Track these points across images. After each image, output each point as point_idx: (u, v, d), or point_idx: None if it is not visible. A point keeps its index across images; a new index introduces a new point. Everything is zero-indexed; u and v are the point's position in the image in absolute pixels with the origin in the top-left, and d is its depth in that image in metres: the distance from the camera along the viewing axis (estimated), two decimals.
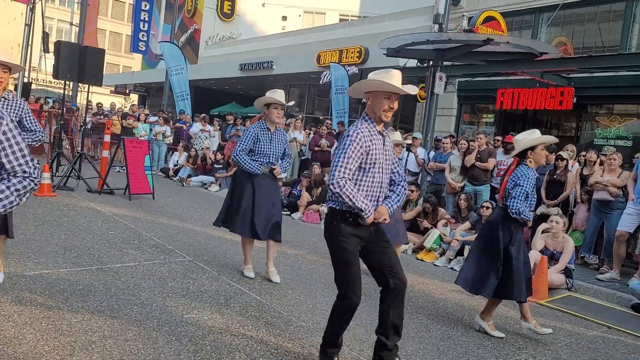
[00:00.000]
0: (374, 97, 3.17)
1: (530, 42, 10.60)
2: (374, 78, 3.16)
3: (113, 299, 4.06)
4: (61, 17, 42.67)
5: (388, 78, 3.11)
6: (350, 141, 3.06)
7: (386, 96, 3.14)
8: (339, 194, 3.02)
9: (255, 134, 5.06)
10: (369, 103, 3.19)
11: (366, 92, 3.23)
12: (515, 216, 4.30)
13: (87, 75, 9.16)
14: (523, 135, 4.49)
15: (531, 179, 4.32)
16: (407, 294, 5.38)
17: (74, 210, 7.43)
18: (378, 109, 3.16)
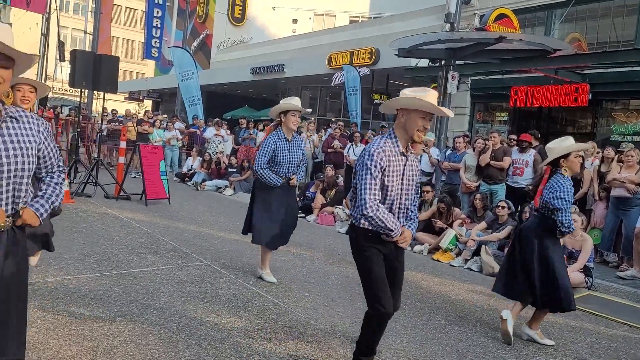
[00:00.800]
0: (408, 115, 3.04)
1: (543, 39, 10.53)
2: (412, 96, 3.03)
3: (133, 304, 4.11)
4: (75, 26, 43.24)
5: (427, 97, 3.00)
6: (372, 161, 2.98)
7: (422, 116, 3.03)
8: (373, 219, 2.97)
9: (274, 145, 5.05)
10: (401, 120, 3.07)
11: (399, 110, 3.11)
12: (566, 230, 4.16)
13: (102, 83, 9.28)
14: (556, 143, 4.35)
15: (569, 187, 4.19)
16: (424, 295, 5.40)
17: (92, 217, 7.53)
18: (411, 127, 3.04)
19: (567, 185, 4.21)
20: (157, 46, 25.19)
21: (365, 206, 2.95)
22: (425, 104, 2.99)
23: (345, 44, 19.07)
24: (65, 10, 43.71)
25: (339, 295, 5.01)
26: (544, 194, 4.29)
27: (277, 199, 5.12)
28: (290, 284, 5.21)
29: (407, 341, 4.02)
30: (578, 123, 13.11)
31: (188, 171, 13.80)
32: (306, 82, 21.23)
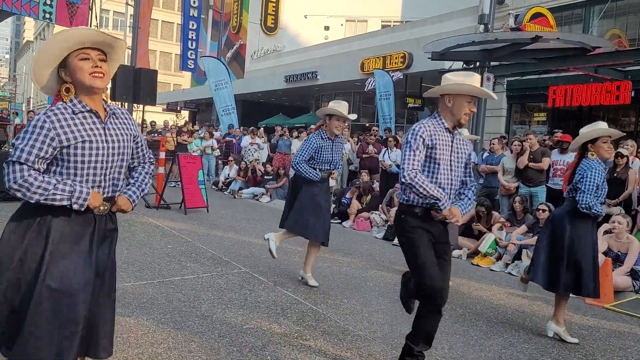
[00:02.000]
0: (455, 100, 3.12)
1: (581, 36, 10.28)
2: (457, 80, 3.11)
3: (175, 311, 4.20)
4: None
5: (473, 82, 3.09)
6: (412, 135, 3.08)
7: (468, 100, 3.12)
8: (412, 186, 3.00)
9: (317, 144, 5.15)
10: (449, 104, 3.13)
11: (445, 95, 3.16)
12: (585, 211, 4.10)
13: (142, 95, 9.56)
14: (586, 128, 4.29)
15: (598, 170, 4.11)
16: (465, 300, 5.32)
17: (134, 226, 7.73)
18: (458, 111, 3.12)
19: (595, 167, 4.13)
20: (193, 58, 25.68)
21: (404, 174, 3.02)
22: (473, 88, 3.09)
23: (377, 49, 19.04)
24: (105, 26, 45.18)
25: (378, 302, 4.99)
26: (575, 177, 4.23)
27: (321, 195, 5.23)
28: (328, 290, 5.22)
29: (448, 348, 3.98)
30: (620, 121, 12.71)
31: (225, 179, 14.02)
32: (339, 88, 21.28)
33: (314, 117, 21.69)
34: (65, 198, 2.12)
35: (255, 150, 14.48)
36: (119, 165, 2.30)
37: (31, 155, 2.07)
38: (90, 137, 2.17)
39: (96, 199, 2.21)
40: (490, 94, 3.30)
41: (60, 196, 2.11)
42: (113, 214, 2.38)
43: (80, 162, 2.17)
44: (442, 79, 3.19)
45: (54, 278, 2.12)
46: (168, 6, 50.91)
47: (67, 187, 2.13)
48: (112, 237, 2.39)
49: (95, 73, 2.17)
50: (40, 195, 2.08)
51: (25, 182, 2.05)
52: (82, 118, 2.19)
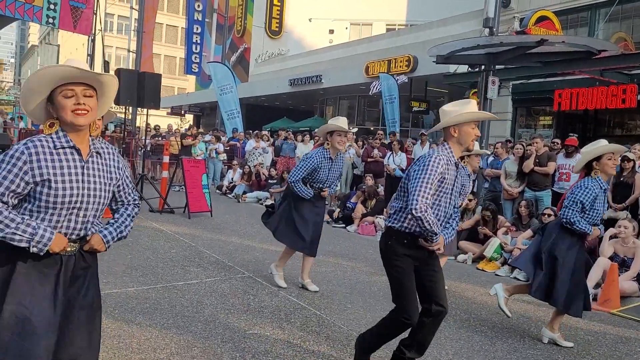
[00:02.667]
0: (461, 128, 3.16)
1: (587, 40, 10.24)
2: (457, 110, 3.17)
3: (178, 316, 4.18)
4: (119, 45, 44.83)
5: (472, 108, 3.19)
6: (432, 167, 3.05)
7: (473, 126, 3.19)
8: (420, 219, 2.99)
9: (317, 164, 5.10)
10: (455, 135, 3.17)
11: (450, 126, 3.19)
12: (567, 226, 4.16)
13: (146, 99, 9.56)
14: (588, 147, 4.29)
15: (590, 190, 4.09)
16: (469, 305, 5.28)
17: (137, 230, 7.72)
18: (466, 140, 3.19)
19: (589, 186, 4.13)
20: (197, 62, 25.79)
21: (416, 206, 2.98)
22: (477, 115, 3.26)
23: (382, 52, 19.04)
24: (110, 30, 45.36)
25: (382, 307, 4.95)
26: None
27: (307, 208, 5.22)
28: (332, 296, 5.19)
29: (453, 353, 3.94)
30: (627, 125, 12.64)
31: (229, 183, 14.01)
32: (344, 92, 21.28)
33: (319, 120, 21.69)
34: (24, 240, 2.01)
35: (260, 154, 14.47)
36: (94, 208, 2.19)
37: (1, 187, 1.99)
38: (64, 177, 2.07)
39: (59, 243, 2.09)
40: (492, 115, 3.49)
41: (20, 237, 2.01)
42: (88, 252, 2.25)
43: (52, 202, 2.06)
44: (440, 113, 3.26)
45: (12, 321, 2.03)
46: (173, 10, 51.10)
47: (29, 228, 2.02)
48: (86, 276, 2.23)
49: (77, 110, 2.08)
50: (1, 231, 1.99)
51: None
52: (63, 154, 2.10)
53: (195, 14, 25.82)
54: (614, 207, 7.50)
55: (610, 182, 7.64)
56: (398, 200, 3.25)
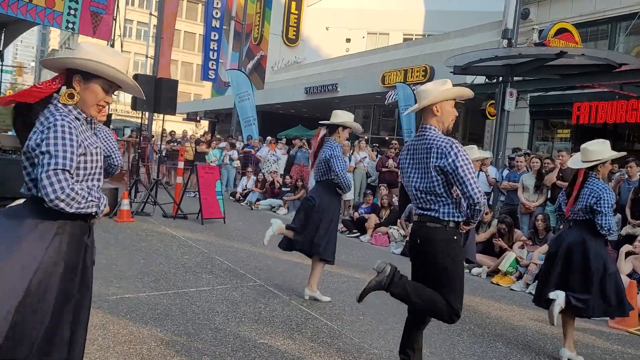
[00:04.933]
0: (443, 107, 3.14)
1: (607, 53, 10.10)
2: (440, 88, 3.13)
3: (189, 323, 4.16)
4: (138, 51, 45.33)
5: (450, 86, 3.17)
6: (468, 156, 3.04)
7: (452, 104, 3.17)
8: (482, 206, 3.01)
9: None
10: (437, 113, 3.13)
11: (433, 104, 3.15)
12: (605, 232, 4.08)
13: (162, 105, 9.61)
14: (596, 146, 4.24)
15: (611, 190, 4.15)
16: (483, 320, 5.19)
17: (151, 236, 7.74)
18: (448, 119, 3.17)
19: (608, 188, 4.13)
20: (214, 68, 25.98)
21: (479, 197, 2.97)
22: (461, 91, 3.24)
23: (399, 62, 19.00)
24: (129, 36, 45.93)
25: (394, 319, 4.88)
26: (585, 199, 4.14)
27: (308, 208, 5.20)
28: (343, 306, 5.13)
29: None
30: None
31: (243, 190, 14.03)
32: (359, 101, 21.25)
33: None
34: (95, 205, 2.12)
35: (274, 161, 14.48)
36: (101, 171, 2.31)
37: (72, 162, 2.04)
38: (91, 147, 2.20)
39: (107, 204, 2.24)
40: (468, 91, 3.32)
41: (93, 203, 2.11)
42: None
43: (90, 169, 2.18)
44: (419, 94, 3.21)
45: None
46: (191, 17, 51.61)
47: (96, 194, 2.15)
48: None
49: (99, 105, 2.24)
50: (79, 203, 2.04)
51: (72, 190, 2.01)
52: (82, 126, 2.19)
53: (213, 21, 26.05)
54: (632, 223, 7.35)
55: (629, 198, 7.50)
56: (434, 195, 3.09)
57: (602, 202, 4.05)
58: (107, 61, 2.16)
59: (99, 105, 2.23)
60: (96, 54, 2.17)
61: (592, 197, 4.10)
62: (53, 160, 1.99)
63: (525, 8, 13.61)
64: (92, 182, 2.20)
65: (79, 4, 9.47)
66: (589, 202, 4.11)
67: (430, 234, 3.11)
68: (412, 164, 3.22)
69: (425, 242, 3.13)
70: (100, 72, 2.17)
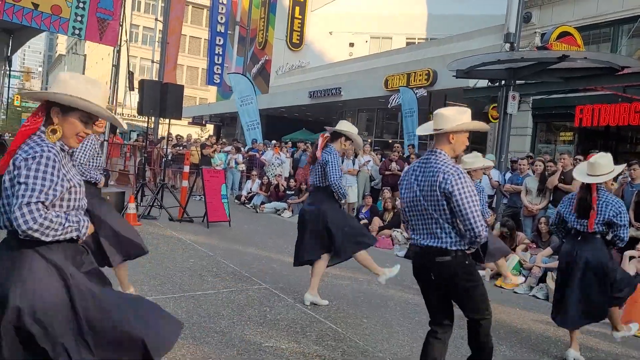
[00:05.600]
0: (459, 137, 3.12)
1: (610, 56, 10.12)
2: (459, 118, 3.09)
3: (195, 327, 4.22)
4: (144, 56, 45.54)
5: (470, 118, 3.13)
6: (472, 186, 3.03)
7: (467, 135, 3.16)
8: (483, 240, 2.99)
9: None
10: (452, 141, 3.09)
11: (449, 133, 3.10)
12: (623, 245, 4.24)
13: (168, 110, 9.71)
14: (607, 160, 4.29)
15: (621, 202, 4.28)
16: None
17: (157, 239, 7.82)
18: (460, 147, 3.17)
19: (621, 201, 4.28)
20: (219, 72, 26.13)
21: (481, 231, 2.93)
22: (480, 125, 3.29)
23: (401, 66, 19.05)
24: (135, 41, 46.19)
25: (398, 322, 4.94)
26: (604, 212, 4.18)
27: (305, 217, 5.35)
28: (348, 309, 5.19)
29: None
30: None
31: (248, 194, 14.11)
32: (363, 104, 21.31)
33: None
34: (73, 229, 2.13)
35: (279, 164, 14.56)
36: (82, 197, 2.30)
37: (47, 195, 2.03)
38: (75, 180, 2.21)
39: (90, 227, 2.27)
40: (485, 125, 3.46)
41: (72, 228, 2.12)
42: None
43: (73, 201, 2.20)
44: (437, 117, 3.13)
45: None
46: (196, 22, 51.85)
47: (75, 218, 2.16)
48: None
49: (79, 135, 2.24)
50: (58, 231, 2.05)
51: (46, 219, 2.00)
52: (64, 159, 2.20)
53: (218, 26, 26.22)
54: (636, 226, 7.38)
55: (633, 201, 7.53)
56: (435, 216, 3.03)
57: (622, 216, 4.13)
58: (84, 93, 2.16)
59: (78, 136, 2.23)
60: (73, 86, 2.17)
61: (611, 210, 4.15)
62: (28, 193, 1.98)
63: (528, 12, 13.66)
64: (74, 211, 2.21)
65: (86, 11, 9.59)
66: (608, 215, 4.16)
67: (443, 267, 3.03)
68: (417, 185, 3.09)
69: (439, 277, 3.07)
70: (75, 105, 2.17)
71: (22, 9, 8.91)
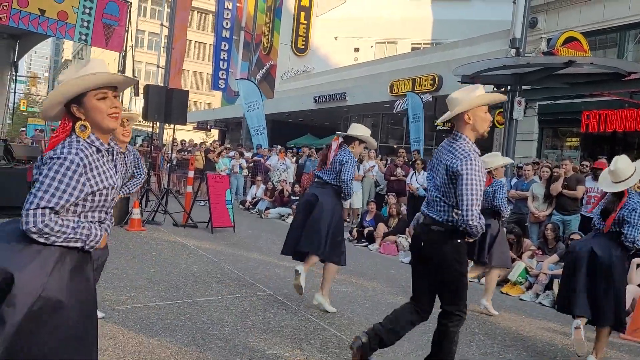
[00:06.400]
0: (476, 114, 3.10)
1: (616, 61, 10.09)
2: (472, 95, 3.09)
3: (198, 334, 4.19)
4: (149, 61, 45.81)
5: (483, 92, 3.12)
6: (480, 170, 3.00)
7: (485, 110, 3.13)
8: (474, 228, 2.98)
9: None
10: (469, 121, 3.10)
11: (464, 112, 3.11)
12: (627, 244, 4.09)
13: (173, 115, 9.73)
14: (625, 162, 4.27)
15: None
16: (493, 331, 5.17)
17: (161, 244, 7.81)
18: (482, 125, 3.14)
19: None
20: (224, 78, 26.22)
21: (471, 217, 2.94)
22: (494, 96, 3.31)
23: (407, 71, 19.06)
24: (140, 46, 46.43)
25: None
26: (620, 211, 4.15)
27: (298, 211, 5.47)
28: (352, 317, 5.15)
29: None
30: None
31: (252, 199, 14.10)
32: (368, 109, 21.32)
33: None
34: (80, 240, 2.06)
35: (284, 170, 14.55)
36: (114, 200, 2.25)
37: (62, 200, 1.97)
38: (109, 182, 2.13)
39: (104, 239, 2.18)
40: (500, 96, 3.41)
41: (76, 239, 2.04)
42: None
43: (97, 203, 2.13)
44: (450, 101, 3.17)
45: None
46: (201, 27, 52.10)
47: (84, 230, 2.07)
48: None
49: (112, 114, 2.13)
50: (58, 238, 1.99)
51: (46, 226, 1.95)
52: (101, 158, 2.14)
53: (223, 32, 26.32)
54: None
55: None
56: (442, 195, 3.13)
57: (634, 214, 4.05)
58: (80, 73, 2.08)
59: (111, 116, 2.12)
60: (69, 75, 2.10)
61: (626, 208, 4.11)
62: (39, 194, 1.95)
63: (534, 17, 13.63)
64: (93, 214, 2.14)
65: (92, 16, 9.63)
66: (621, 213, 4.12)
67: (434, 235, 3.15)
68: (437, 165, 3.22)
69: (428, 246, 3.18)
70: (84, 86, 2.08)
71: (28, 14, 8.95)
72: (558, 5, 13.82)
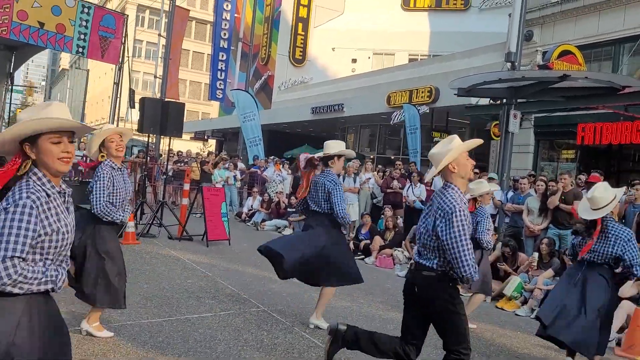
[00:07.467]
0: (459, 162, 3.20)
1: (610, 75, 10.14)
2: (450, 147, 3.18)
3: (191, 352, 4.16)
4: (146, 70, 45.86)
5: (459, 142, 3.24)
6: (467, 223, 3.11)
7: (466, 157, 3.24)
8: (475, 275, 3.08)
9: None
10: (455, 170, 3.20)
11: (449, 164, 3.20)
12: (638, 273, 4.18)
13: (169, 127, 9.73)
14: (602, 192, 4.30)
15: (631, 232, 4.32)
16: (487, 347, 5.14)
17: (155, 258, 7.77)
18: (466, 170, 3.24)
19: (631, 232, 4.25)
20: (222, 88, 26.27)
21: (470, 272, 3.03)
22: (470, 143, 3.34)
23: (404, 82, 19.10)
24: (138, 56, 46.53)
25: None
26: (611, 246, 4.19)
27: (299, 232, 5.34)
28: None
29: None
30: None
31: (249, 211, 14.06)
32: (365, 120, 21.35)
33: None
34: (51, 282, 2.06)
35: (280, 181, 14.53)
36: (70, 242, 2.23)
37: (25, 246, 1.96)
38: (60, 225, 2.11)
39: (66, 280, 2.18)
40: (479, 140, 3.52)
41: (46, 281, 2.05)
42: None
43: (54, 247, 2.10)
44: (432, 158, 3.30)
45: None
46: (199, 37, 52.27)
47: (53, 272, 2.08)
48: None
49: (63, 158, 2.12)
50: (31, 285, 1.99)
51: (20, 275, 1.94)
52: (53, 200, 2.12)
53: (221, 42, 26.41)
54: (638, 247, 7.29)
55: (634, 221, 7.45)
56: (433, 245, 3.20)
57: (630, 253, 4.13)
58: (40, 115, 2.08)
59: (62, 160, 2.12)
60: (29, 115, 2.10)
61: (618, 246, 4.16)
62: (3, 245, 1.93)
63: (529, 30, 13.70)
64: (54, 258, 2.13)
65: (88, 29, 9.67)
66: (615, 250, 4.16)
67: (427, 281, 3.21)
68: (427, 214, 3.33)
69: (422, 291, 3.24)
70: (38, 129, 2.07)
71: (28, 27, 8.99)
72: (553, 18, 13.90)
